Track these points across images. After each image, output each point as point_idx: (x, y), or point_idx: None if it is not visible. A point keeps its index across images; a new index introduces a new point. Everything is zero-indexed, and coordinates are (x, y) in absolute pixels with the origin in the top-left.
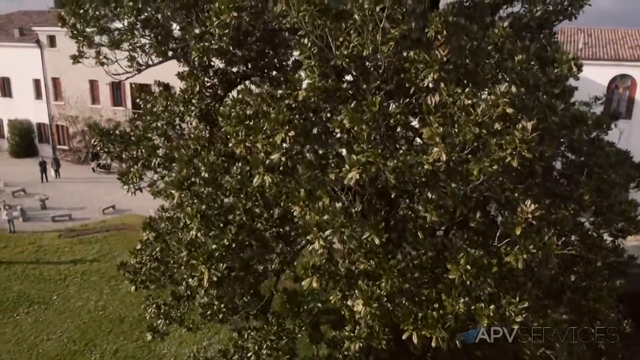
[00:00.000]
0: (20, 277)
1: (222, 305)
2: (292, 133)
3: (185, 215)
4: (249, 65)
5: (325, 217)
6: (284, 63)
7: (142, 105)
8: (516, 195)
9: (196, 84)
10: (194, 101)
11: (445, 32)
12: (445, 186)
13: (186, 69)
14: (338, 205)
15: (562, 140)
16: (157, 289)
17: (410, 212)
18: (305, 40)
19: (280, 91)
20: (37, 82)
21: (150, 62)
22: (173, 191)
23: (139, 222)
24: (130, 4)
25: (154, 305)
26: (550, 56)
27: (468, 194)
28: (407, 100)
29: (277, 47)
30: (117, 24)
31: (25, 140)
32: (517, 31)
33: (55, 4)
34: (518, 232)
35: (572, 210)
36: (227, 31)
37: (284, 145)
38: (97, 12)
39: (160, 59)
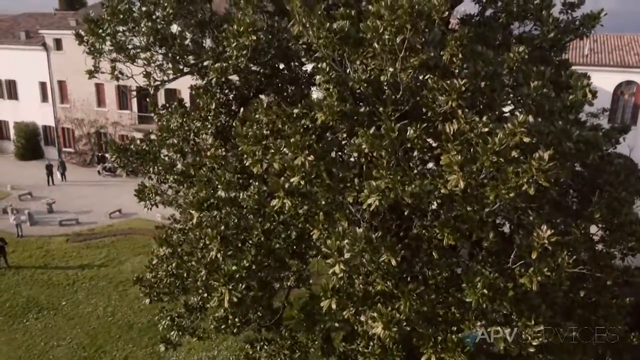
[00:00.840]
0: (29, 282)
1: (236, 320)
2: (311, 157)
3: (205, 235)
4: (263, 81)
5: (345, 241)
6: (298, 78)
7: (156, 120)
8: (530, 218)
9: (212, 101)
10: (209, 118)
11: (460, 56)
12: (460, 209)
13: (199, 81)
14: (359, 231)
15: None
16: (171, 301)
17: (424, 231)
18: (324, 65)
19: (296, 110)
20: (43, 85)
21: (165, 78)
22: (192, 211)
23: (146, 227)
24: (149, 24)
25: (168, 318)
26: (565, 81)
27: (484, 218)
28: (425, 125)
29: (291, 62)
30: (135, 41)
31: (31, 143)
32: (530, 51)
33: (60, 4)
34: (534, 257)
35: (584, 229)
36: (244, 52)
37: (303, 168)
38: (116, 32)
39: (176, 75)
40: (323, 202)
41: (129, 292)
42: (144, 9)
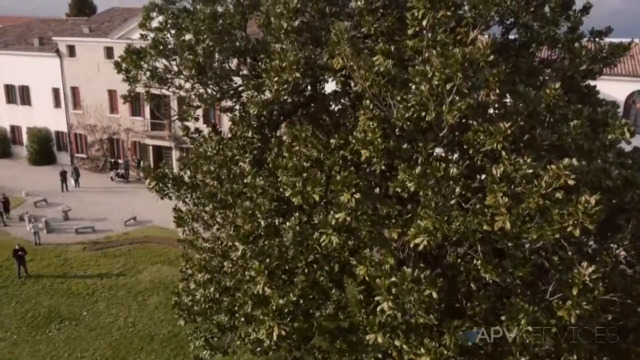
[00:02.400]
0: (49, 291)
1: (271, 342)
2: (357, 195)
3: (251, 269)
4: (297, 108)
5: (393, 279)
6: (331, 107)
7: (191, 145)
8: (569, 253)
9: (248, 130)
10: (246, 147)
11: (498, 91)
12: (501, 246)
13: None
14: (408, 271)
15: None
16: (204, 322)
17: (459, 260)
18: (367, 102)
19: (333, 140)
20: (56, 91)
21: (202, 106)
22: (238, 244)
23: (161, 235)
24: (191, 57)
25: (202, 338)
26: (602, 119)
27: (527, 256)
28: (467, 162)
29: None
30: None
31: (43, 148)
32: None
33: (69, 9)
34: (575, 293)
35: (615, 257)
36: (285, 86)
37: (350, 205)
38: (157, 64)
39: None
40: (367, 237)
41: (148, 302)
42: (185, 38)
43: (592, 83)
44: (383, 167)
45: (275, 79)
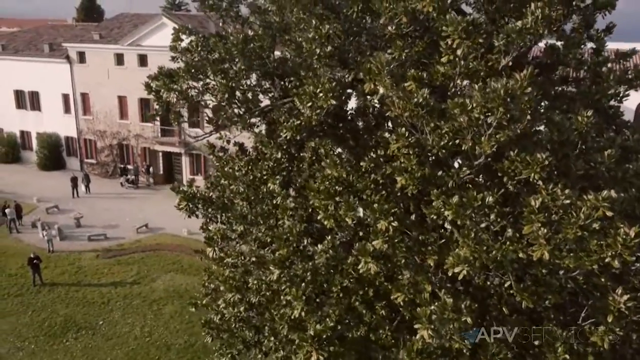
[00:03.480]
0: (65, 300)
1: None
2: (395, 223)
3: (288, 294)
4: (324, 130)
5: (433, 307)
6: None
7: (217, 164)
8: (603, 280)
9: (278, 151)
10: (276, 168)
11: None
12: (535, 272)
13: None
14: (449, 301)
15: None
16: (230, 338)
17: (488, 283)
18: (403, 130)
19: (363, 163)
20: (65, 97)
21: (236, 133)
22: (273, 268)
23: (173, 242)
24: (224, 81)
25: (229, 355)
26: (635, 147)
27: (563, 283)
28: (502, 190)
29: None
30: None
31: (53, 154)
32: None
33: (77, 13)
34: (610, 320)
35: None
36: (319, 111)
37: (387, 233)
38: (189, 87)
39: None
40: (402, 263)
41: (163, 311)
42: (216, 57)
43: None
44: (415, 192)
45: (309, 104)
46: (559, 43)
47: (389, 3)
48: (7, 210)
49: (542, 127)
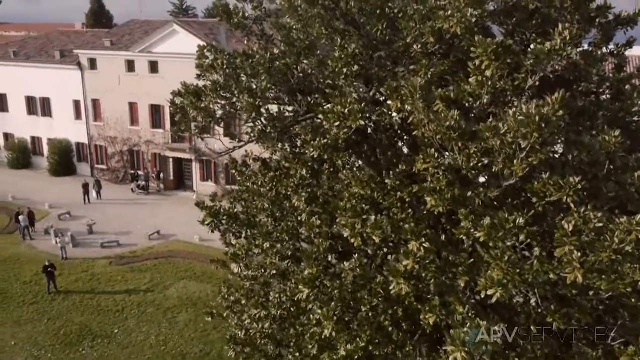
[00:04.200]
0: (80, 308)
1: None
2: (426, 244)
3: (318, 314)
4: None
5: (466, 329)
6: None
7: (239, 179)
8: (633, 301)
9: (303, 168)
10: (301, 186)
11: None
12: (565, 292)
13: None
14: (483, 323)
15: None
16: (252, 351)
17: (515, 301)
18: (432, 150)
19: (388, 180)
20: (77, 103)
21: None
22: (302, 287)
23: (186, 249)
24: (251, 100)
25: None
26: None
27: (594, 305)
28: (532, 212)
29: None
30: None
31: (64, 160)
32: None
33: (87, 19)
34: None
35: None
36: (346, 130)
37: (419, 254)
38: (215, 106)
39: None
40: (433, 285)
41: (178, 319)
42: (242, 77)
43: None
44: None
45: (337, 123)
46: (579, 59)
47: (416, 23)
48: (20, 218)
49: (561, 146)
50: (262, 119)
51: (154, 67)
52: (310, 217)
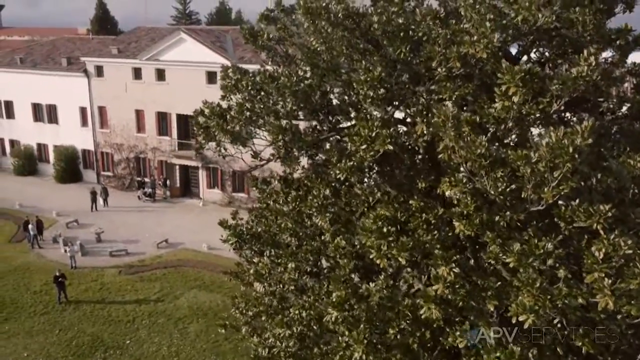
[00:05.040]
0: (90, 318)
1: None
2: (456, 270)
3: (348, 337)
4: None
5: (498, 354)
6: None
7: (259, 196)
8: None
9: (326, 188)
10: (324, 205)
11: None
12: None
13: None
14: (516, 349)
15: None
16: None
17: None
18: (460, 176)
19: (412, 202)
20: (83, 110)
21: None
22: (331, 310)
23: (194, 258)
24: (277, 122)
25: None
26: None
27: (623, 330)
28: (560, 238)
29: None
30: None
31: (70, 166)
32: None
33: (91, 25)
34: None
35: None
36: (372, 153)
37: (448, 279)
38: (242, 129)
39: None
40: (461, 307)
41: (189, 330)
42: (269, 103)
43: None
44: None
45: (364, 146)
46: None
47: (441, 47)
48: (29, 226)
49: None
50: (286, 139)
51: (160, 74)
52: (334, 237)
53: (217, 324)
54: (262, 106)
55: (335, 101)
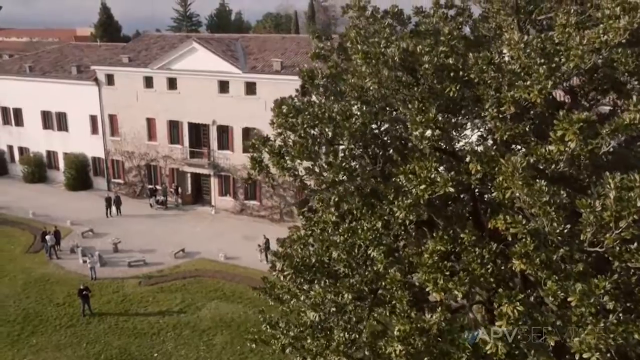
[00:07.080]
0: (116, 330)
1: None
2: (520, 307)
3: None
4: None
5: None
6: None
7: (304, 223)
8: None
9: (379, 221)
10: (378, 238)
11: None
12: None
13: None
14: None
15: None
16: None
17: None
18: (519, 217)
19: (464, 235)
20: (93, 118)
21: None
22: (396, 345)
23: (212, 268)
24: (336, 162)
25: None
26: None
27: None
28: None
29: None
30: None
31: (80, 174)
32: None
33: (95, 29)
34: None
35: None
36: (430, 192)
37: (512, 316)
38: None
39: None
40: (523, 343)
41: (214, 342)
42: (324, 138)
43: None
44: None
45: (422, 186)
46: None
47: (495, 91)
48: (47, 237)
49: None
50: (342, 176)
51: (172, 83)
52: (388, 269)
53: (247, 338)
54: (318, 141)
55: (385, 137)
